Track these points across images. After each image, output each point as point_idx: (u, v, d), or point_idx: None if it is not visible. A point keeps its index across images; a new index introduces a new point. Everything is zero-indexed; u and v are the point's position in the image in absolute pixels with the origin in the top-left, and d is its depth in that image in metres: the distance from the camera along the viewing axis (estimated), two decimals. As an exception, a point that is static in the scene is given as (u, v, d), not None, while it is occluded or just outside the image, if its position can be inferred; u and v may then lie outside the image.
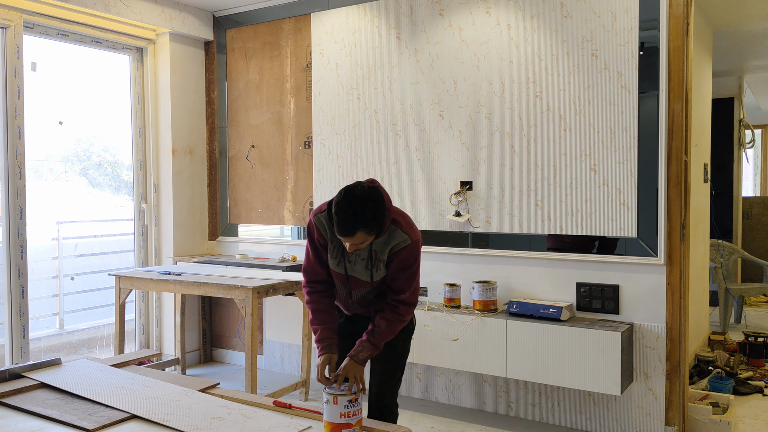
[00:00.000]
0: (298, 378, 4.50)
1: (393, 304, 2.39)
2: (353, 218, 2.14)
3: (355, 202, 2.15)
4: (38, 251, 4.28)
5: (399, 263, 2.35)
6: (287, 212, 4.65)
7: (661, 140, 3.28)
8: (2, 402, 2.10)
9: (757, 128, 10.03)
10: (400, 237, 2.33)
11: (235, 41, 4.87)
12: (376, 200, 2.19)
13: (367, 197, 2.17)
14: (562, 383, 3.34)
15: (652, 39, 3.29)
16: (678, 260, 3.29)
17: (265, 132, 4.74)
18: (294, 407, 2.02)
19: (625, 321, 3.43)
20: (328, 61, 4.38)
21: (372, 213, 2.16)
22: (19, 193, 3.92)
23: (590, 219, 3.48)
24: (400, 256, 2.34)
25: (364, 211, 2.15)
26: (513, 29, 3.68)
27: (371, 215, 2.16)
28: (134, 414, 1.95)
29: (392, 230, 2.33)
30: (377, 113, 4.18)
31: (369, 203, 2.17)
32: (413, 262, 2.38)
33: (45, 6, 3.99)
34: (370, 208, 2.16)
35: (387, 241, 2.33)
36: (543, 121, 3.60)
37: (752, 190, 10.65)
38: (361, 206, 2.15)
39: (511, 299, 3.66)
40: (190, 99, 4.91)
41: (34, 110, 4.12)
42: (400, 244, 2.33)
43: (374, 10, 4.16)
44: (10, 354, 3.90)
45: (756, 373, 4.49)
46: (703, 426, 3.40)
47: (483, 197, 3.81)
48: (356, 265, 2.38)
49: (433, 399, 4.08)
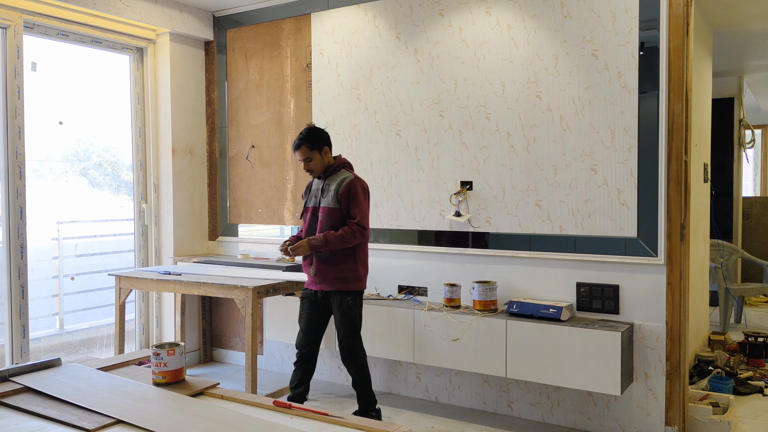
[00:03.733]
0: (298, 378, 4.50)
1: (349, 224, 3.39)
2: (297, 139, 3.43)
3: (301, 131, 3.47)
4: (38, 251, 4.28)
5: (347, 194, 3.39)
6: (287, 212, 4.65)
7: (661, 140, 3.28)
8: (2, 402, 2.10)
9: (757, 128, 10.04)
10: (345, 174, 3.47)
11: (235, 41, 4.87)
12: (311, 129, 3.46)
13: (308, 128, 3.47)
14: (562, 383, 3.34)
15: (652, 39, 3.29)
16: (678, 260, 3.29)
17: (265, 132, 4.74)
18: (294, 407, 2.02)
19: (625, 321, 3.43)
20: (328, 61, 4.38)
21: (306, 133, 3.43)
22: (19, 193, 3.92)
23: (590, 219, 3.48)
24: (346, 189, 3.39)
25: (303, 134, 3.44)
26: (513, 29, 3.68)
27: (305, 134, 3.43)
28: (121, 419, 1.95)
29: (340, 172, 3.48)
30: (377, 113, 4.18)
31: (308, 131, 3.45)
32: (356, 193, 3.40)
33: (45, 6, 3.99)
34: (306, 132, 3.43)
35: (336, 178, 3.45)
36: (543, 121, 3.60)
37: (752, 190, 10.65)
38: (303, 133, 3.45)
39: (511, 299, 3.66)
40: (190, 99, 4.91)
41: (34, 110, 4.12)
42: (346, 179, 3.42)
43: (374, 10, 4.16)
44: (10, 354, 3.90)
45: (756, 373, 4.48)
46: (703, 426, 3.40)
47: (483, 197, 3.81)
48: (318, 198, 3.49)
49: (433, 399, 4.08)
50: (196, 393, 2.21)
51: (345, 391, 4.30)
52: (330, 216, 3.40)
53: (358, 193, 3.41)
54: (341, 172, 3.49)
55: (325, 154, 3.46)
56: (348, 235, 3.35)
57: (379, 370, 4.27)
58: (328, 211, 3.41)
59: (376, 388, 4.28)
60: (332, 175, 3.49)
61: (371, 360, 4.29)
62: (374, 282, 4.25)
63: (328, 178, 3.48)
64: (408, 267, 4.12)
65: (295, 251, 3.38)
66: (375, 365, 4.29)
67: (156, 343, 3.49)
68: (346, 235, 3.35)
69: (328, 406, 3.96)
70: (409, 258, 4.11)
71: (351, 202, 3.39)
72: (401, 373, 4.20)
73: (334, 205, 3.40)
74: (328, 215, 3.40)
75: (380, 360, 4.25)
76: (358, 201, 3.40)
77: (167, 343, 2.33)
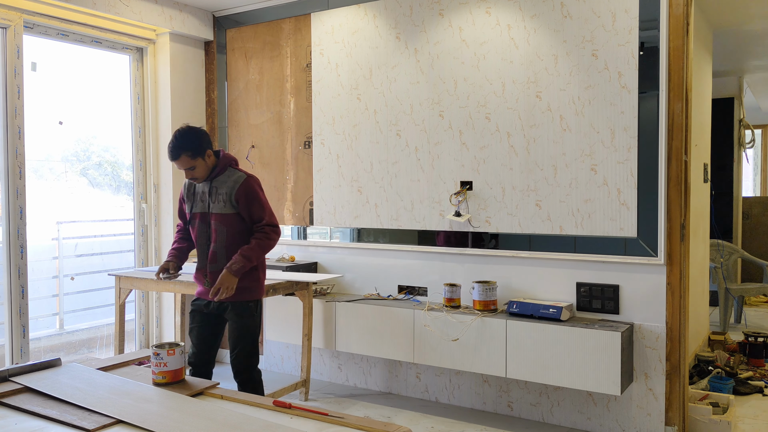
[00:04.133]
0: (298, 378, 4.50)
1: (258, 228, 3.08)
2: (173, 146, 2.95)
3: (174, 135, 2.97)
4: (38, 251, 4.28)
5: (245, 197, 3.04)
6: (287, 212, 4.65)
7: (661, 140, 3.28)
8: (2, 402, 2.10)
9: (757, 128, 10.03)
10: (236, 176, 3.07)
11: (235, 41, 4.87)
12: (188, 131, 2.98)
13: (184, 131, 2.98)
14: (562, 383, 3.34)
15: (652, 39, 3.29)
16: (678, 260, 3.29)
17: (265, 132, 4.74)
18: (294, 407, 2.02)
19: (625, 321, 3.43)
20: (328, 61, 4.38)
21: (183, 138, 2.95)
22: (19, 193, 3.92)
23: (590, 219, 3.48)
24: (242, 191, 3.03)
25: (179, 140, 2.95)
26: (513, 29, 3.68)
27: (182, 140, 2.95)
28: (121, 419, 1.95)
29: (230, 172, 3.09)
30: (377, 113, 4.18)
31: (184, 135, 2.97)
32: (255, 193, 3.06)
33: (45, 6, 3.99)
34: (183, 138, 2.95)
35: (226, 180, 3.06)
36: (543, 121, 3.60)
37: (752, 190, 10.64)
38: (178, 138, 2.95)
39: (511, 299, 3.66)
40: (190, 99, 4.91)
41: (34, 110, 4.12)
42: (238, 180, 3.05)
43: (374, 10, 4.16)
44: (10, 354, 3.90)
45: (756, 373, 4.49)
46: (703, 426, 3.40)
47: (483, 197, 3.81)
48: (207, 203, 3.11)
49: (433, 399, 4.08)
50: (196, 393, 2.21)
51: (345, 391, 4.30)
52: (226, 223, 3.05)
53: (257, 192, 3.08)
54: (228, 171, 3.10)
55: (209, 157, 3.04)
56: (265, 241, 3.06)
57: (379, 370, 4.28)
58: (222, 218, 3.05)
59: (377, 388, 4.28)
60: (218, 176, 3.08)
61: (371, 360, 4.29)
62: (374, 282, 4.25)
63: (214, 180, 3.08)
64: (408, 267, 4.12)
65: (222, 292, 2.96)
66: (375, 365, 4.29)
67: (156, 343, 3.48)
68: (263, 242, 3.05)
69: (328, 406, 3.96)
70: (409, 258, 4.11)
71: (252, 204, 3.06)
72: (401, 373, 4.20)
73: (229, 211, 3.05)
74: (223, 223, 3.05)
75: (380, 360, 4.25)
76: (259, 200, 3.08)
77: (167, 343, 2.33)
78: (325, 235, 4.46)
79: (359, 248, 4.31)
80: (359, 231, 4.29)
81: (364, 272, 4.31)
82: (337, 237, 4.41)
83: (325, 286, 4.40)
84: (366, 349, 3.96)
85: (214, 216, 3.06)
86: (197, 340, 3.16)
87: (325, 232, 4.46)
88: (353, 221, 4.31)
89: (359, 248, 4.31)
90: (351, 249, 4.35)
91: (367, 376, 4.34)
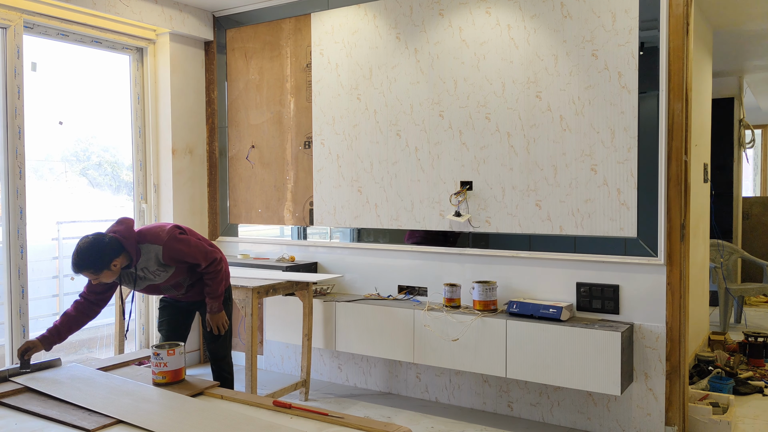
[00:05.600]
0: (298, 378, 4.50)
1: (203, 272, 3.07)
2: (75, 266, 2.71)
3: (77, 250, 2.71)
4: (38, 251, 4.28)
5: (173, 261, 2.95)
6: (287, 212, 4.65)
7: (661, 140, 3.28)
8: (2, 402, 2.10)
9: (757, 128, 10.03)
10: (154, 249, 2.90)
11: (235, 41, 4.87)
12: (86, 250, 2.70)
13: (87, 247, 2.71)
14: (562, 383, 3.34)
15: (652, 39, 3.29)
16: (678, 260, 3.29)
17: (265, 132, 4.74)
18: (294, 407, 2.02)
19: (625, 321, 3.43)
20: (328, 61, 4.38)
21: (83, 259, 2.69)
22: (19, 193, 3.92)
23: (590, 219, 3.48)
24: (168, 257, 2.92)
25: (83, 257, 2.69)
26: (513, 29, 3.68)
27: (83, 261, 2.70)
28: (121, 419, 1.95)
29: (146, 249, 2.90)
30: (377, 113, 4.18)
31: (88, 252, 2.70)
32: (181, 252, 2.95)
33: (45, 6, 3.99)
34: (81, 256, 2.69)
35: (148, 257, 2.91)
36: (543, 121, 3.60)
37: (752, 190, 10.64)
38: (81, 254, 2.70)
39: (511, 299, 3.66)
40: (190, 99, 4.91)
41: (34, 110, 4.12)
42: (159, 253, 2.90)
43: (374, 10, 4.16)
44: (10, 354, 3.90)
45: (756, 373, 4.48)
46: (703, 426, 3.40)
47: (483, 197, 3.81)
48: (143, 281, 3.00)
49: (433, 399, 4.08)
50: (196, 393, 2.21)
51: (345, 391, 4.30)
52: (177, 278, 3.04)
53: (179, 250, 2.94)
54: (144, 249, 2.90)
55: (114, 266, 2.77)
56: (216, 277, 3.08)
57: (379, 370, 4.28)
58: (169, 279, 3.01)
59: (377, 388, 4.28)
60: (138, 260, 2.91)
61: (371, 360, 4.29)
62: (374, 282, 4.25)
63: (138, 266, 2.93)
64: (408, 267, 4.12)
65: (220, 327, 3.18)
66: (375, 365, 4.29)
67: (156, 343, 3.49)
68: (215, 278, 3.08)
69: (328, 406, 3.96)
70: (409, 258, 4.11)
71: (184, 259, 2.97)
72: (401, 373, 4.20)
73: (171, 272, 2.99)
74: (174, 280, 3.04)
75: (380, 360, 4.25)
76: (187, 254, 2.96)
77: (167, 343, 2.33)
78: (325, 235, 4.46)
79: (359, 248, 4.31)
80: (359, 231, 4.29)
81: (364, 272, 4.31)
82: (337, 237, 4.41)
83: (325, 286, 4.40)
84: (366, 349, 3.96)
85: (160, 285, 3.03)
86: (168, 332, 3.29)
87: (325, 232, 4.46)
88: (353, 221, 4.31)
89: (359, 248, 4.31)
90: (351, 249, 4.36)
91: (367, 376, 4.34)
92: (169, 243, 2.93)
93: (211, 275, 3.09)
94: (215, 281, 3.10)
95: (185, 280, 3.10)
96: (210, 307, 3.15)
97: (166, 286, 3.06)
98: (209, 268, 3.07)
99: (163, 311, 3.32)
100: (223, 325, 3.20)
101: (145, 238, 2.92)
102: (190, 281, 3.13)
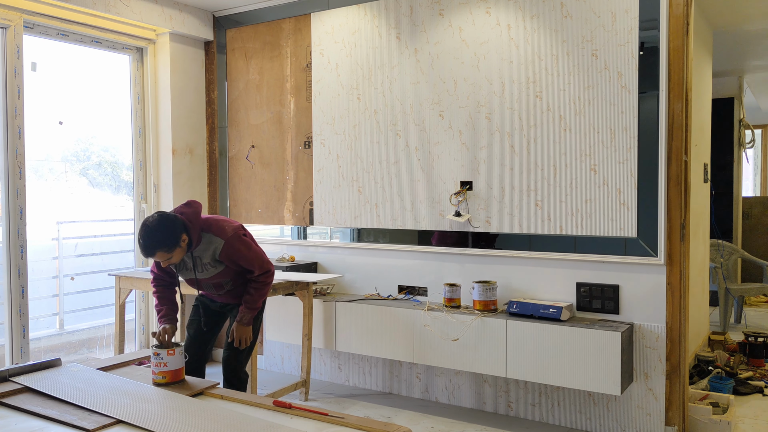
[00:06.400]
0: (298, 378, 4.50)
1: (252, 279, 3.03)
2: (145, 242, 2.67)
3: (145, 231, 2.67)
4: (38, 251, 4.28)
5: (231, 259, 2.92)
6: (287, 212, 4.65)
7: (661, 140, 3.28)
8: (2, 402, 2.10)
9: (757, 128, 10.03)
10: (215, 242, 2.89)
11: (235, 41, 4.87)
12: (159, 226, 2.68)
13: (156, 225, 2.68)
14: (562, 383, 3.34)
15: (652, 39, 3.29)
16: (678, 260, 3.29)
17: (265, 132, 4.74)
18: (294, 407, 2.02)
19: (625, 321, 3.43)
20: (328, 61, 4.38)
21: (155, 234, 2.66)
22: (19, 193, 3.92)
23: (590, 219, 3.48)
24: (225, 254, 2.90)
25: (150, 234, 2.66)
26: (513, 29, 3.68)
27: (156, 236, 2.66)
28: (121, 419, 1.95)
29: (207, 239, 2.89)
30: (377, 113, 4.18)
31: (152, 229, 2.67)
32: (239, 251, 2.93)
33: (45, 6, 3.99)
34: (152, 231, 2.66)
35: (206, 248, 2.89)
36: (543, 121, 3.60)
37: (752, 190, 10.64)
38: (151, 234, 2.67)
39: (511, 299, 3.66)
40: (190, 99, 4.91)
41: (34, 110, 4.12)
42: (218, 248, 2.88)
43: (374, 10, 4.16)
44: (10, 354, 3.90)
45: (756, 373, 4.48)
46: (703, 426, 3.40)
47: (483, 197, 3.81)
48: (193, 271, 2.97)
49: (433, 399, 4.08)
50: (196, 393, 2.21)
51: (345, 391, 4.30)
52: (222, 278, 3.00)
53: (238, 250, 2.93)
54: (205, 238, 2.90)
55: (184, 241, 2.77)
56: (261, 288, 3.04)
57: (379, 370, 4.28)
58: (214, 277, 2.98)
59: (377, 388, 4.28)
60: (197, 246, 2.91)
61: (371, 360, 4.29)
62: (374, 282, 4.25)
63: (194, 252, 2.93)
64: (408, 267, 4.12)
65: (242, 342, 3.07)
66: (375, 365, 4.29)
67: (156, 343, 3.49)
68: (260, 290, 3.04)
69: (328, 406, 3.96)
70: (409, 258, 4.11)
71: (238, 261, 2.95)
72: (401, 373, 4.20)
73: (219, 270, 2.96)
74: (219, 279, 3.00)
75: (380, 360, 4.25)
76: (244, 257, 2.95)
77: (167, 343, 2.32)
78: (325, 235, 4.46)
79: (359, 248, 4.31)
80: (359, 231, 4.29)
81: (364, 272, 4.31)
82: (337, 237, 4.41)
83: (325, 286, 4.40)
84: (366, 349, 3.96)
85: (204, 281, 3.00)
86: (195, 333, 3.18)
87: (325, 232, 4.46)
88: (353, 221, 4.31)
89: (359, 248, 4.31)
90: (351, 249, 4.36)
91: (367, 376, 4.34)
92: (232, 240, 2.91)
93: (258, 285, 3.03)
94: (259, 292, 3.04)
95: (228, 283, 3.03)
96: (241, 316, 3.04)
97: (208, 283, 3.01)
98: (260, 278, 3.03)
99: (196, 310, 3.21)
100: (246, 340, 3.08)
101: (210, 228, 2.91)
102: (232, 285, 3.06)
